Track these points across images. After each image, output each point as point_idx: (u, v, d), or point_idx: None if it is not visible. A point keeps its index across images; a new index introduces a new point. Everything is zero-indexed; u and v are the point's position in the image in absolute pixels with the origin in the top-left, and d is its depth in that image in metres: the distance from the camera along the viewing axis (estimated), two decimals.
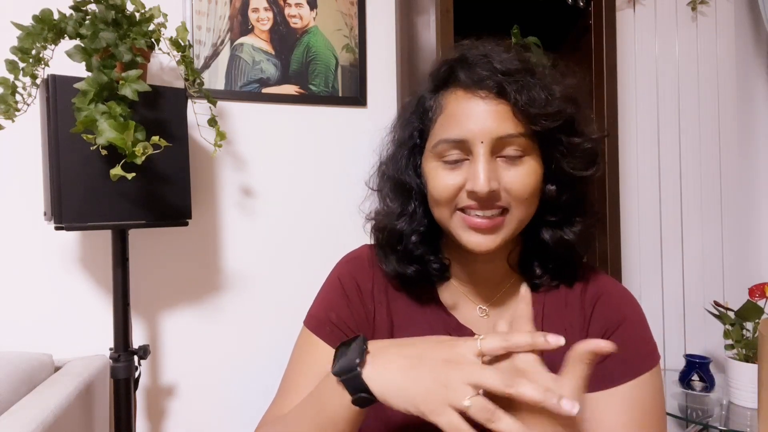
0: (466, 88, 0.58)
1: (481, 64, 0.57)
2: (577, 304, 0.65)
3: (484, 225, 0.57)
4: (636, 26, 1.59)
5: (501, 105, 0.56)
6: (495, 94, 0.56)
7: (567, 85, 0.59)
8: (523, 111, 0.55)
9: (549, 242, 0.63)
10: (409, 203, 0.65)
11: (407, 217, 0.64)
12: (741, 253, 1.70)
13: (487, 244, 0.58)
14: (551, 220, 0.62)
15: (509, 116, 0.56)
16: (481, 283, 0.67)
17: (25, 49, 0.85)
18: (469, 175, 0.57)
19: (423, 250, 0.65)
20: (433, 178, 0.60)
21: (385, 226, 0.65)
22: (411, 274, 0.65)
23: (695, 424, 1.26)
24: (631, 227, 1.58)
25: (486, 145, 0.55)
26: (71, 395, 0.84)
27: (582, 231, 0.63)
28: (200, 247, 1.21)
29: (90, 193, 0.88)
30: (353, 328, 0.66)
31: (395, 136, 0.67)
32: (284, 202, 1.27)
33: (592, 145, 0.61)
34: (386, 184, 0.67)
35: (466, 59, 0.59)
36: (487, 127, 0.55)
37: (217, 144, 1.03)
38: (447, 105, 0.59)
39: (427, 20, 1.16)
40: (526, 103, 0.55)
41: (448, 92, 0.60)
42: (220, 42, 1.22)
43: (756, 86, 1.77)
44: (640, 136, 1.60)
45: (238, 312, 1.23)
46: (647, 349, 0.61)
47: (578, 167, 0.60)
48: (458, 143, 0.57)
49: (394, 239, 0.65)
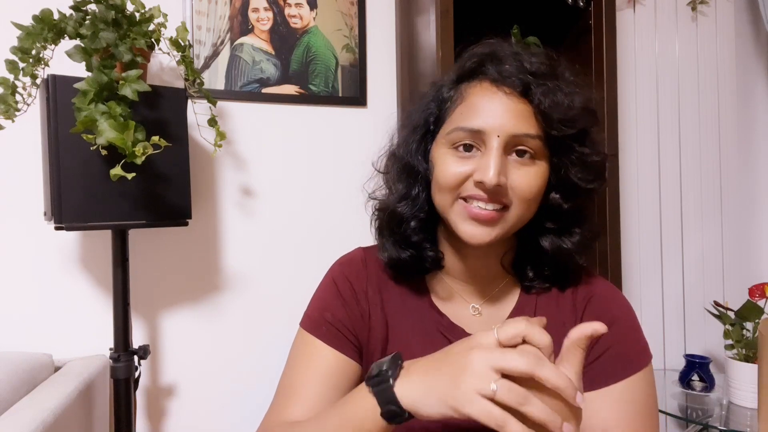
0: (493, 81, 0.58)
1: (510, 61, 0.58)
2: (569, 306, 0.66)
3: (483, 216, 0.58)
4: (636, 26, 1.59)
5: (523, 104, 0.57)
6: (519, 93, 0.57)
7: (588, 97, 0.60)
8: (544, 114, 0.56)
9: (548, 250, 0.63)
10: (413, 187, 0.65)
11: (410, 200, 0.65)
12: (741, 253, 1.70)
13: (482, 236, 0.58)
14: (550, 227, 0.63)
15: (529, 116, 0.57)
16: (474, 280, 0.68)
17: (25, 49, 0.85)
18: (479, 166, 0.57)
19: (421, 237, 0.65)
20: (442, 163, 0.60)
21: (387, 206, 0.66)
22: (406, 259, 0.65)
23: (695, 424, 1.26)
24: (631, 227, 1.58)
25: (501, 139, 0.56)
26: (71, 395, 0.84)
27: (580, 242, 0.63)
28: (200, 247, 1.21)
29: (90, 193, 0.88)
30: (349, 327, 0.66)
31: (410, 120, 0.68)
32: (284, 202, 1.27)
33: (601, 158, 0.62)
34: (394, 166, 0.68)
35: (497, 54, 0.60)
36: (506, 122, 0.56)
37: (217, 144, 1.03)
38: (470, 95, 0.60)
39: (427, 20, 1.16)
40: (549, 106, 0.56)
41: (473, 83, 0.60)
42: (220, 42, 1.22)
43: (756, 86, 1.77)
44: (640, 136, 1.60)
45: (238, 312, 1.23)
46: (639, 348, 0.62)
47: (585, 178, 0.60)
48: (474, 133, 0.57)
49: (393, 222, 0.66)
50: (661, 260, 1.62)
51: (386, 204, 0.66)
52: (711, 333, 1.58)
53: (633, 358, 0.61)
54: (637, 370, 0.60)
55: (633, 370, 0.60)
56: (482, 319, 0.67)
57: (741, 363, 1.26)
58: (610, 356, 0.61)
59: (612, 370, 0.59)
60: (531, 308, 0.66)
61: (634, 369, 0.60)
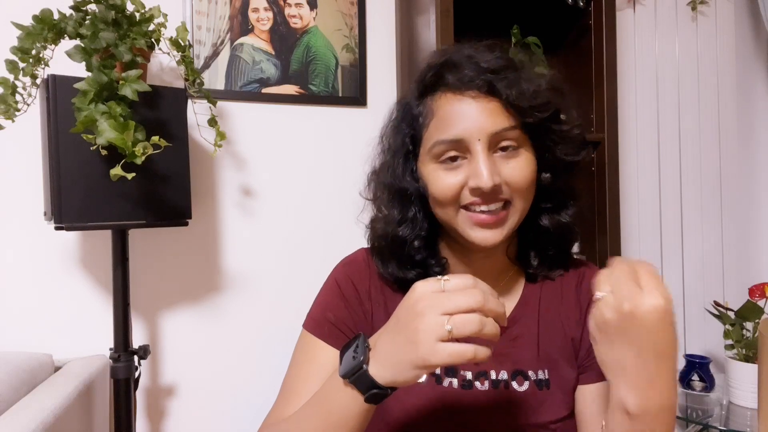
0: (456, 90, 0.59)
1: (467, 66, 0.59)
2: (573, 298, 0.67)
3: (490, 220, 0.59)
4: (636, 26, 1.59)
5: (492, 102, 0.58)
6: (485, 93, 0.58)
7: (550, 77, 0.62)
8: (514, 105, 0.57)
9: (549, 228, 0.65)
10: (409, 209, 0.65)
11: (408, 222, 0.65)
12: (741, 253, 1.70)
13: (494, 238, 0.60)
14: (548, 206, 0.65)
15: (501, 111, 0.58)
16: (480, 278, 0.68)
17: (25, 49, 0.85)
18: (470, 173, 0.58)
19: (424, 255, 0.66)
20: (434, 180, 0.61)
21: (386, 233, 0.66)
22: (412, 278, 0.65)
23: (695, 424, 1.26)
24: (631, 227, 1.58)
25: (483, 141, 0.57)
26: (71, 395, 0.84)
27: (576, 214, 0.66)
28: (200, 247, 1.21)
29: (90, 193, 0.88)
30: (352, 328, 0.66)
31: (386, 145, 0.68)
32: (284, 202, 1.27)
33: (580, 130, 0.64)
34: (383, 192, 0.68)
35: (452, 61, 0.61)
36: (482, 124, 0.57)
37: (217, 144, 1.03)
38: (438, 108, 0.61)
39: (427, 20, 1.16)
40: (516, 96, 0.57)
41: (437, 96, 0.61)
42: (220, 42, 1.22)
43: (756, 86, 1.77)
44: (640, 135, 1.60)
45: (238, 312, 1.23)
46: None
47: (570, 153, 0.62)
48: (455, 143, 0.58)
49: (396, 246, 0.65)
50: (661, 260, 1.62)
51: (384, 231, 0.66)
52: (711, 333, 1.58)
53: None
54: None
55: None
56: None
57: (741, 363, 1.26)
58: None
59: None
60: (536, 298, 0.67)
61: None
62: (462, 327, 0.44)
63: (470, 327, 0.44)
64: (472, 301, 0.45)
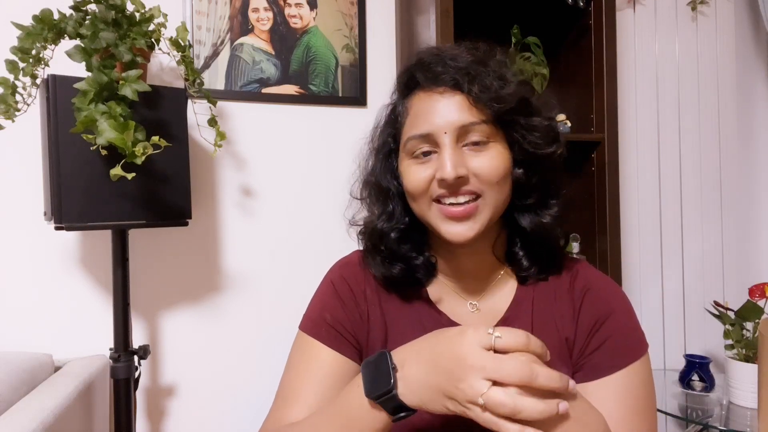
0: (426, 87, 0.62)
1: (435, 64, 0.62)
2: (567, 297, 0.67)
3: (458, 213, 0.60)
4: (636, 26, 1.59)
5: (458, 96, 0.60)
6: (451, 88, 0.60)
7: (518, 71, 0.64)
8: (478, 99, 0.59)
9: (527, 228, 0.65)
10: (388, 204, 0.68)
11: (386, 215, 0.68)
12: (741, 253, 1.70)
13: (464, 232, 0.60)
14: (526, 204, 0.65)
15: (468, 106, 0.59)
16: (469, 278, 0.69)
17: (25, 49, 0.85)
18: (438, 165, 0.60)
19: (406, 248, 0.67)
20: (407, 174, 0.63)
21: (367, 229, 0.70)
22: (397, 274, 0.67)
23: (695, 424, 1.26)
24: (631, 227, 1.58)
25: (450, 135, 0.59)
26: (71, 395, 0.84)
27: (557, 214, 0.65)
28: (200, 247, 1.21)
29: (90, 193, 0.88)
30: (348, 328, 0.67)
31: (372, 145, 0.72)
32: (284, 202, 1.27)
33: (550, 122, 0.64)
34: (367, 190, 0.71)
35: (423, 61, 0.64)
36: (449, 118, 0.59)
37: (217, 144, 1.03)
38: (412, 106, 0.64)
39: (427, 20, 1.16)
40: (480, 90, 0.58)
41: (412, 95, 0.65)
42: (220, 42, 1.22)
43: (756, 86, 1.77)
44: (640, 136, 1.60)
45: (238, 312, 1.23)
46: (636, 338, 0.63)
47: (540, 145, 0.62)
48: (425, 137, 0.61)
49: (375, 238, 0.68)
50: (661, 260, 1.62)
51: (367, 226, 0.70)
52: (711, 333, 1.58)
53: (631, 348, 0.62)
54: (635, 360, 0.61)
55: (631, 359, 0.61)
56: (480, 315, 0.67)
57: (741, 363, 1.26)
58: (608, 347, 0.62)
59: (611, 361, 0.61)
60: (528, 300, 0.67)
61: (632, 358, 0.61)
62: (494, 408, 0.43)
63: (502, 411, 0.43)
64: (519, 376, 0.43)
